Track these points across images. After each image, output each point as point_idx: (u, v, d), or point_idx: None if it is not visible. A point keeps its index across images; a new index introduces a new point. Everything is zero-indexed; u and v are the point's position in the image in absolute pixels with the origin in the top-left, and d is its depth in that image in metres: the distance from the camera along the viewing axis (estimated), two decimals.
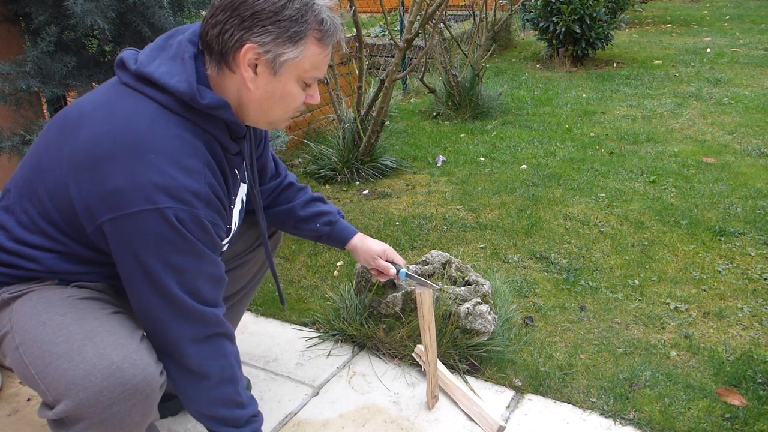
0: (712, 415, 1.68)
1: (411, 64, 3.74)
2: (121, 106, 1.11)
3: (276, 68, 1.14)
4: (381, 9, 3.64)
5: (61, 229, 1.14)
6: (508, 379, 1.84)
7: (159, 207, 1.06)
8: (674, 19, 9.20)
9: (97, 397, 1.04)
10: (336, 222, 1.60)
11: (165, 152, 1.08)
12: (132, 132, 1.08)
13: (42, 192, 1.14)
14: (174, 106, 1.11)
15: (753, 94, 4.97)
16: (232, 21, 1.10)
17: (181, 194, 1.08)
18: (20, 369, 1.12)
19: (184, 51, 1.15)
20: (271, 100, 1.18)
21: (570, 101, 5.02)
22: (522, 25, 8.33)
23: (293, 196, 1.60)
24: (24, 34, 2.17)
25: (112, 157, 1.06)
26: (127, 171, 1.05)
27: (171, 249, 1.10)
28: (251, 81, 1.15)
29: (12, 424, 1.68)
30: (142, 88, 1.12)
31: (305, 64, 1.16)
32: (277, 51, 1.12)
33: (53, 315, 1.12)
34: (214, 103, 1.13)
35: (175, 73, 1.12)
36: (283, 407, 1.74)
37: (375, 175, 3.48)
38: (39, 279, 1.18)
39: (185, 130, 1.12)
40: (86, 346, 1.07)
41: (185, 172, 1.09)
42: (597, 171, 3.48)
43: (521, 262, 2.52)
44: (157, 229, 1.07)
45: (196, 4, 2.20)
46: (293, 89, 1.18)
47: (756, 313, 2.14)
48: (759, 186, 3.17)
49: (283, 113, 1.22)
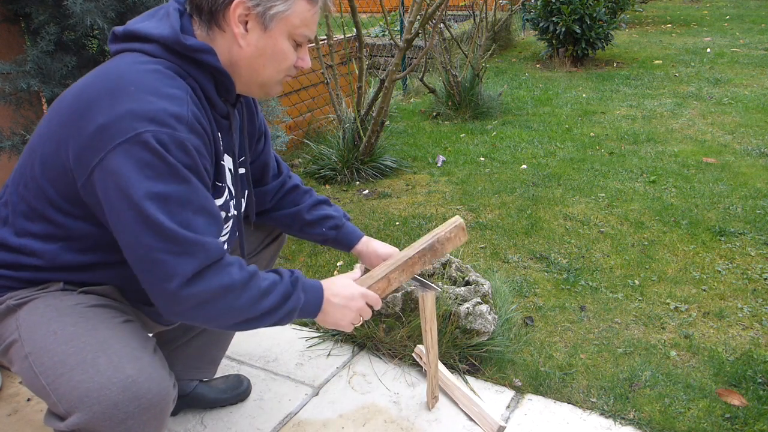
0: (712, 415, 1.68)
1: (411, 64, 3.74)
2: (105, 65, 1.13)
3: (266, 22, 1.15)
4: (381, 9, 3.64)
5: (57, 207, 1.12)
6: (508, 379, 1.84)
7: (138, 132, 1.02)
8: (674, 19, 9.20)
9: (112, 411, 1.03)
10: (342, 226, 1.57)
11: (143, 83, 1.06)
12: (111, 74, 1.08)
13: (36, 171, 1.13)
14: (158, 52, 1.12)
15: (753, 94, 4.97)
16: None
17: (160, 116, 1.04)
18: (29, 378, 1.10)
19: (169, 7, 1.17)
20: (263, 58, 1.18)
21: (570, 101, 5.02)
22: (522, 25, 8.33)
23: (299, 199, 1.57)
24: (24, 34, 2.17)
25: (93, 100, 1.06)
26: (107, 107, 1.04)
27: (154, 175, 1.03)
28: (242, 37, 1.15)
29: (12, 424, 1.68)
30: (128, 45, 1.13)
31: (295, 20, 1.16)
32: (266, 4, 1.13)
33: (64, 324, 1.10)
34: (198, 45, 1.13)
35: (160, 26, 1.13)
36: (283, 407, 1.74)
37: (375, 175, 3.48)
38: (43, 282, 1.17)
39: (167, 68, 1.11)
40: (100, 357, 1.06)
41: (165, 97, 1.06)
42: (597, 171, 3.48)
43: (521, 262, 2.52)
44: (139, 156, 1.02)
45: None
46: (284, 46, 1.18)
47: (756, 313, 2.14)
48: (759, 186, 3.17)
49: (275, 72, 1.21)
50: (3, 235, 1.16)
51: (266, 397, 1.78)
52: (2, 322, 1.16)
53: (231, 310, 1.12)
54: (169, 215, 1.04)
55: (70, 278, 1.18)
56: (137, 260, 1.07)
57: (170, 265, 1.05)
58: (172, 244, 1.04)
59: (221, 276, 1.09)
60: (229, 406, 1.75)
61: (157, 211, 1.03)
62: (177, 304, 1.07)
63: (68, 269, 1.17)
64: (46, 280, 1.17)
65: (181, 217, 1.05)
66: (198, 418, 1.70)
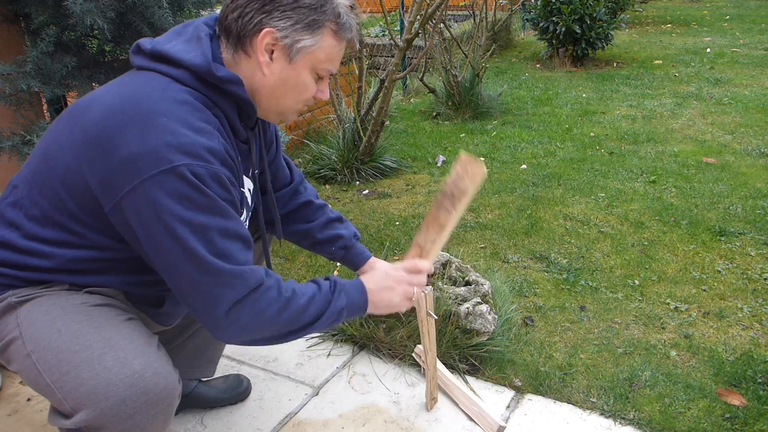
0: (712, 415, 1.68)
1: (411, 64, 3.74)
2: (132, 83, 1.12)
3: (292, 55, 1.16)
4: (381, 9, 3.64)
5: (76, 218, 1.12)
6: (508, 379, 1.84)
7: (174, 165, 1.03)
8: (674, 19, 9.20)
9: (120, 407, 1.04)
10: (351, 246, 1.58)
11: (175, 114, 1.06)
12: (142, 101, 1.07)
13: (54, 180, 1.12)
14: (187, 80, 1.12)
15: (753, 94, 4.97)
16: (253, 5, 1.13)
17: (195, 150, 1.05)
18: (32, 377, 1.10)
19: (200, 31, 1.17)
20: (284, 88, 1.19)
21: (570, 101, 5.02)
22: (522, 25, 8.33)
23: (312, 216, 1.57)
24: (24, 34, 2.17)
25: (123, 126, 1.05)
26: (139, 137, 1.04)
27: (193, 207, 1.05)
28: (266, 66, 1.16)
29: (12, 424, 1.68)
30: (156, 66, 1.13)
31: (320, 55, 1.18)
32: (294, 37, 1.14)
33: (68, 322, 1.10)
34: (229, 77, 1.13)
35: (191, 50, 1.13)
36: (283, 407, 1.74)
37: (375, 175, 3.48)
38: (48, 282, 1.16)
39: (196, 99, 1.12)
40: (106, 354, 1.06)
41: (197, 131, 1.07)
42: (597, 171, 3.48)
43: (521, 262, 2.52)
44: (176, 188, 1.03)
45: (196, 4, 2.20)
46: (306, 79, 1.20)
47: (756, 313, 2.14)
48: (759, 186, 3.17)
49: (294, 103, 1.23)
50: (10, 236, 1.16)
51: (266, 397, 1.78)
52: (1, 319, 1.15)
53: (274, 329, 1.17)
54: (209, 248, 1.07)
55: (76, 281, 1.17)
56: (180, 288, 1.11)
57: (212, 295, 1.09)
58: (214, 277, 1.08)
59: (261, 302, 1.13)
60: (229, 406, 1.75)
61: (198, 244, 1.06)
62: (222, 330, 1.12)
63: (76, 273, 1.17)
64: (51, 281, 1.17)
65: (221, 248, 1.09)
66: (198, 418, 1.70)
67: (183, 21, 2.14)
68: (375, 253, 2.54)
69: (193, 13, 2.24)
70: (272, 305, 1.14)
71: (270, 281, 1.16)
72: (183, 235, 1.05)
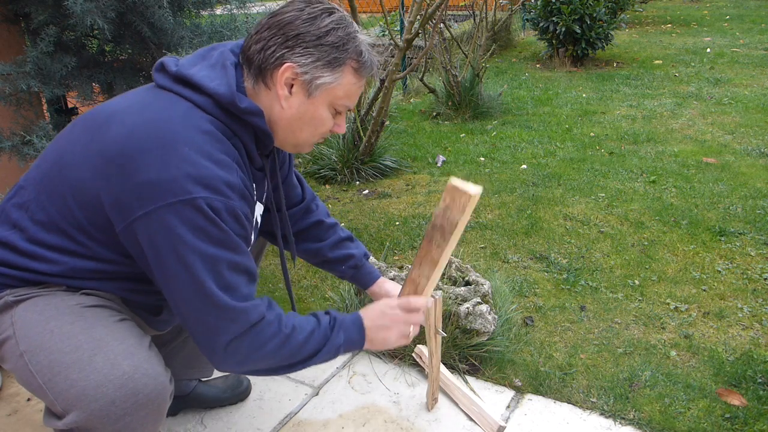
0: (712, 415, 1.68)
1: (411, 64, 3.74)
2: (154, 105, 1.12)
3: (311, 90, 1.17)
4: (381, 9, 3.64)
5: (82, 229, 1.12)
6: (508, 379, 1.84)
7: (193, 197, 1.04)
8: (674, 19, 9.20)
9: (110, 408, 1.04)
10: (361, 266, 1.61)
11: (197, 145, 1.07)
12: (164, 126, 1.08)
13: (65, 189, 1.12)
14: (209, 107, 1.13)
15: (753, 94, 4.97)
16: (276, 39, 1.14)
17: (215, 184, 1.06)
18: (25, 377, 1.10)
19: (226, 59, 1.18)
20: (301, 122, 1.21)
21: (570, 101, 5.02)
22: (522, 25, 8.33)
23: (323, 235, 1.59)
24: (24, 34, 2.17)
25: (143, 150, 1.05)
26: (160, 163, 1.04)
27: (207, 239, 1.07)
28: (285, 99, 1.17)
29: (12, 424, 1.68)
30: (179, 89, 1.14)
31: (339, 91, 1.19)
32: (314, 73, 1.16)
33: (61, 323, 1.10)
34: (251, 108, 1.15)
35: (215, 77, 1.14)
36: (283, 407, 1.74)
37: (375, 175, 3.48)
38: (47, 284, 1.16)
39: (217, 128, 1.13)
40: (96, 355, 1.07)
41: (218, 164, 1.08)
42: (597, 171, 3.48)
43: (521, 262, 2.52)
44: (192, 219, 1.05)
45: (196, 4, 2.20)
46: (324, 114, 1.21)
47: (756, 313, 2.14)
48: (759, 186, 3.17)
49: (310, 136, 1.25)
50: (12, 238, 1.15)
51: (266, 397, 1.78)
52: None
53: (272, 362, 1.19)
54: (217, 280, 1.09)
55: (74, 284, 1.18)
56: (183, 313, 1.12)
57: (215, 327, 1.11)
58: (218, 310, 1.10)
59: (260, 337, 1.15)
60: (229, 406, 1.75)
61: (207, 275, 1.08)
62: (220, 360, 1.15)
63: (75, 278, 1.17)
64: (50, 283, 1.17)
65: (228, 281, 1.10)
66: (198, 418, 1.70)
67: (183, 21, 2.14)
68: (375, 254, 2.55)
69: (192, 13, 2.24)
70: (272, 340, 1.16)
71: (271, 316, 1.18)
72: (193, 265, 1.07)
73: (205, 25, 2.22)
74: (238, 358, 1.14)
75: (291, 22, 1.14)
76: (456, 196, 1.25)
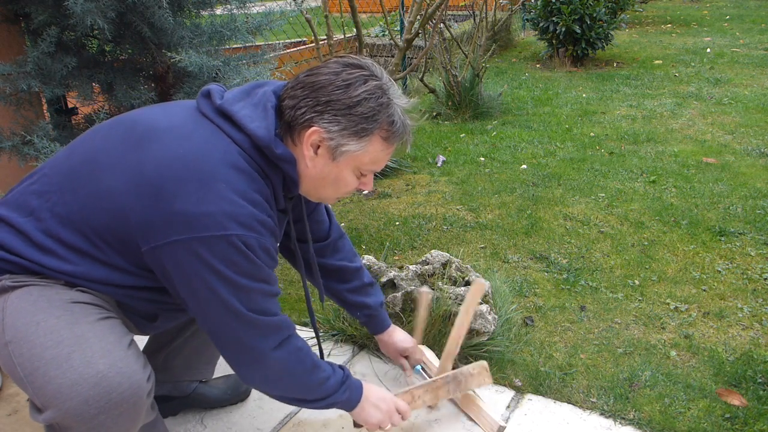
0: (712, 415, 1.68)
1: (411, 64, 3.73)
2: (197, 134, 1.14)
3: (336, 156, 1.19)
4: (381, 9, 3.64)
5: (98, 233, 1.13)
6: (508, 379, 1.84)
7: (228, 233, 1.08)
8: (674, 19, 9.20)
9: (83, 407, 1.04)
10: (375, 316, 1.68)
11: (233, 183, 1.11)
12: (204, 159, 1.11)
13: (93, 191, 1.12)
14: (247, 147, 1.15)
15: (753, 94, 4.97)
16: (308, 101, 1.16)
17: (249, 222, 1.10)
18: (9, 367, 1.11)
19: (267, 101, 1.20)
20: (325, 181, 1.24)
21: (570, 101, 5.02)
22: (522, 25, 8.33)
23: (345, 277, 1.63)
24: (24, 34, 2.17)
25: (181, 179, 1.08)
26: (196, 196, 1.07)
27: (238, 272, 1.12)
28: (310, 159, 1.20)
29: (12, 424, 1.68)
30: (221, 123, 1.16)
31: (365, 158, 1.21)
32: (340, 141, 1.17)
33: (47, 316, 1.10)
34: (286, 155, 1.18)
35: (256, 119, 1.16)
36: (284, 407, 1.74)
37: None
38: (48, 277, 1.16)
39: (252, 168, 1.15)
40: (74, 353, 1.07)
41: (251, 202, 1.12)
42: (597, 171, 3.48)
43: (521, 262, 2.52)
44: (225, 253, 1.09)
45: (196, 4, 2.20)
46: (348, 177, 1.24)
47: (756, 313, 2.14)
48: (759, 186, 3.17)
49: (333, 194, 1.28)
50: (28, 227, 1.14)
51: (266, 398, 1.78)
52: None
53: (294, 387, 1.28)
54: (248, 305, 1.16)
55: (76, 283, 1.17)
56: (216, 336, 1.19)
57: (249, 342, 1.19)
58: (252, 327, 1.18)
59: (292, 355, 1.25)
60: (229, 406, 1.75)
61: (239, 303, 1.14)
62: (248, 376, 1.24)
63: (79, 278, 1.16)
64: (52, 278, 1.16)
65: (259, 307, 1.18)
66: (198, 418, 1.70)
67: (183, 21, 2.14)
68: (375, 254, 2.55)
69: (192, 13, 2.23)
70: (299, 364, 1.27)
71: (300, 341, 1.28)
72: (225, 295, 1.12)
73: (205, 25, 2.22)
74: (265, 372, 1.23)
75: (324, 86, 1.16)
76: (482, 375, 1.65)
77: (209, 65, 2.03)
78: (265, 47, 2.68)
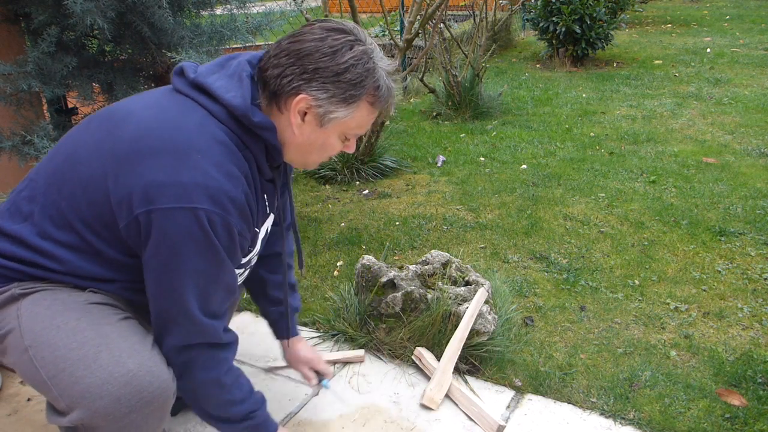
0: (712, 415, 1.68)
1: (411, 64, 3.74)
2: (171, 109, 1.14)
3: (324, 122, 1.19)
4: (381, 9, 3.64)
5: (89, 226, 1.13)
6: (508, 379, 1.84)
7: (194, 206, 1.06)
8: (674, 19, 9.20)
9: (115, 406, 1.04)
10: (288, 317, 1.66)
11: (209, 154, 1.09)
12: (179, 131, 1.10)
13: (75, 184, 1.12)
14: (223, 118, 1.14)
15: (753, 94, 4.97)
16: (294, 68, 1.14)
17: (218, 197, 1.08)
18: (29, 372, 1.10)
19: (242, 70, 1.19)
20: (311, 147, 1.24)
21: (570, 101, 5.02)
22: (522, 25, 8.33)
23: (276, 269, 1.62)
24: (24, 34, 2.17)
25: (156, 151, 1.07)
26: (170, 166, 1.06)
27: (195, 250, 1.09)
28: (297, 127, 1.19)
29: (12, 424, 1.68)
30: (196, 96, 1.15)
31: (352, 123, 1.21)
32: (329, 108, 1.17)
33: (67, 319, 1.11)
34: (264, 123, 1.16)
35: (231, 89, 1.15)
36: (283, 407, 1.74)
37: (375, 175, 3.48)
38: (54, 281, 1.16)
39: (230, 140, 1.14)
40: (102, 352, 1.07)
41: (226, 175, 1.10)
42: (597, 171, 3.48)
43: (521, 262, 2.52)
44: (188, 227, 1.07)
45: (196, 4, 2.21)
46: (334, 142, 1.24)
47: (756, 313, 2.14)
48: (759, 186, 3.17)
49: (318, 158, 1.28)
50: (24, 232, 1.15)
51: (266, 397, 1.78)
52: (2, 310, 1.15)
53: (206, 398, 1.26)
54: (195, 289, 1.14)
55: (82, 284, 1.18)
56: (154, 309, 1.17)
57: (176, 330, 1.17)
58: (186, 320, 1.16)
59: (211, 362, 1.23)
60: None
61: (187, 284, 1.12)
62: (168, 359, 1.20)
63: (83, 278, 1.17)
64: (58, 281, 1.17)
65: (205, 292, 1.15)
66: (198, 418, 1.70)
67: (183, 21, 2.14)
68: (375, 254, 2.55)
69: (192, 13, 2.24)
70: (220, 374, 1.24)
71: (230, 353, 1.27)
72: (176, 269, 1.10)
73: (205, 25, 2.22)
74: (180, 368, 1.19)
75: (310, 53, 1.14)
76: None
77: None
78: (265, 47, 2.68)
